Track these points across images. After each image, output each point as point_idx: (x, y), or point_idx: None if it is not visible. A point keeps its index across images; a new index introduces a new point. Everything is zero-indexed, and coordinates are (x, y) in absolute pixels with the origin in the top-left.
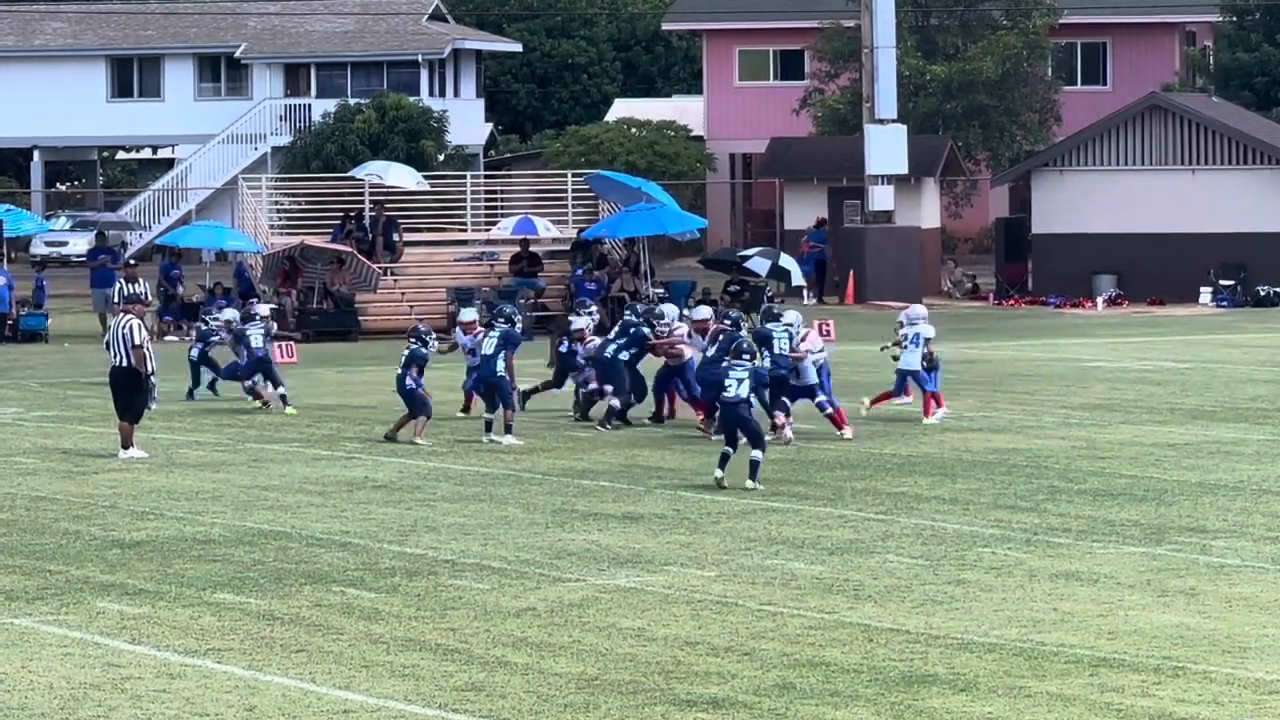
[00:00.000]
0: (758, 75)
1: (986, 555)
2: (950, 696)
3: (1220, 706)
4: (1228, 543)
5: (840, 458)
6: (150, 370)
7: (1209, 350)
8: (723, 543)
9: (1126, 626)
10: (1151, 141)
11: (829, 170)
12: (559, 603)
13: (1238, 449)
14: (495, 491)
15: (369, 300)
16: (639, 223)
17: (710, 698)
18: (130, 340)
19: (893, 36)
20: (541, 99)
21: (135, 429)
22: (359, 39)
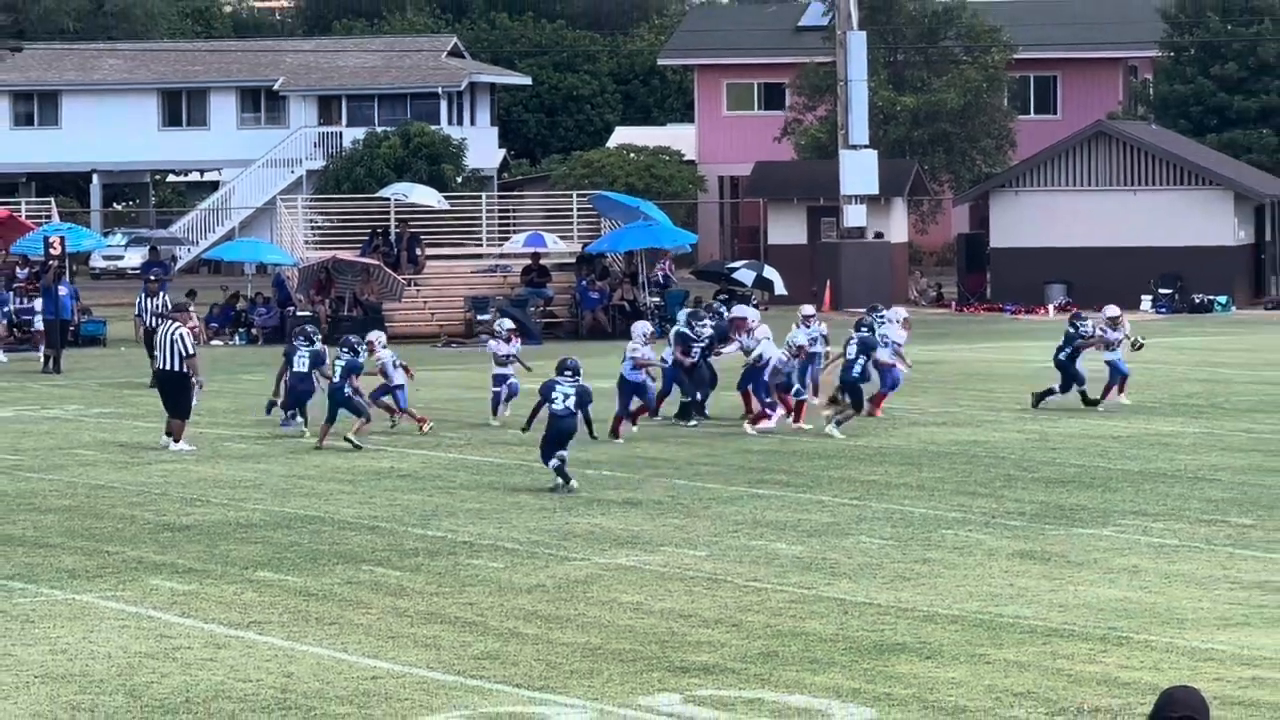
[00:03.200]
0: (744, 106)
1: (950, 536)
2: (917, 663)
3: (1160, 672)
4: (1167, 525)
5: (818, 449)
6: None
7: (1149, 352)
8: (713, 526)
9: (1076, 600)
10: (1098, 165)
11: (808, 191)
12: (566, 580)
13: (1176, 440)
14: (508, 480)
15: (394, 308)
16: (637, 238)
17: (702, 665)
18: (180, 348)
19: (864, 71)
20: (549, 127)
21: (185, 425)
22: (385, 73)
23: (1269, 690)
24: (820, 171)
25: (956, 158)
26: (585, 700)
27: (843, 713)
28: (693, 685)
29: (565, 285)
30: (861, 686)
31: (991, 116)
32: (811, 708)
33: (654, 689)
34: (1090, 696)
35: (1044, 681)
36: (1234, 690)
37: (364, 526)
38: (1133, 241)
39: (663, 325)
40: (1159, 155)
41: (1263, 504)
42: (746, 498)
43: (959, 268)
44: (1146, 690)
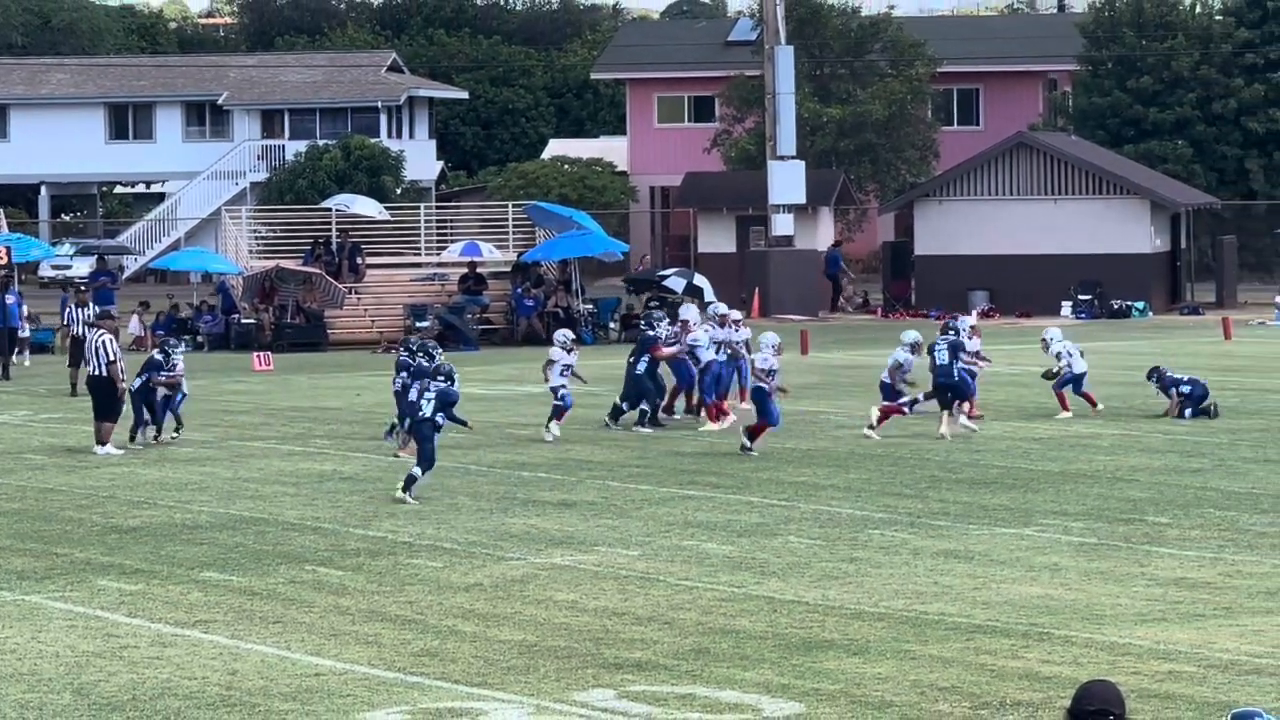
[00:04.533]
0: (674, 118)
1: (876, 536)
2: (845, 659)
3: (1080, 666)
4: (1086, 524)
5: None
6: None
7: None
8: (645, 526)
9: (998, 598)
10: (1019, 175)
11: (737, 201)
12: (502, 579)
13: (1095, 442)
14: (446, 482)
15: (336, 315)
16: (571, 247)
17: (635, 661)
18: (104, 354)
19: (792, 84)
20: (486, 140)
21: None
22: (326, 88)
23: (1185, 684)
24: (749, 182)
25: (882, 168)
26: (522, 696)
27: (772, 707)
28: (626, 681)
29: (501, 293)
30: (790, 682)
31: (915, 128)
32: (742, 703)
33: (588, 685)
34: (1012, 691)
35: (968, 676)
36: (1151, 684)
37: (307, 528)
38: (1053, 249)
39: (595, 331)
40: (1078, 165)
41: (1179, 503)
42: (678, 499)
43: (884, 275)
44: (1067, 684)
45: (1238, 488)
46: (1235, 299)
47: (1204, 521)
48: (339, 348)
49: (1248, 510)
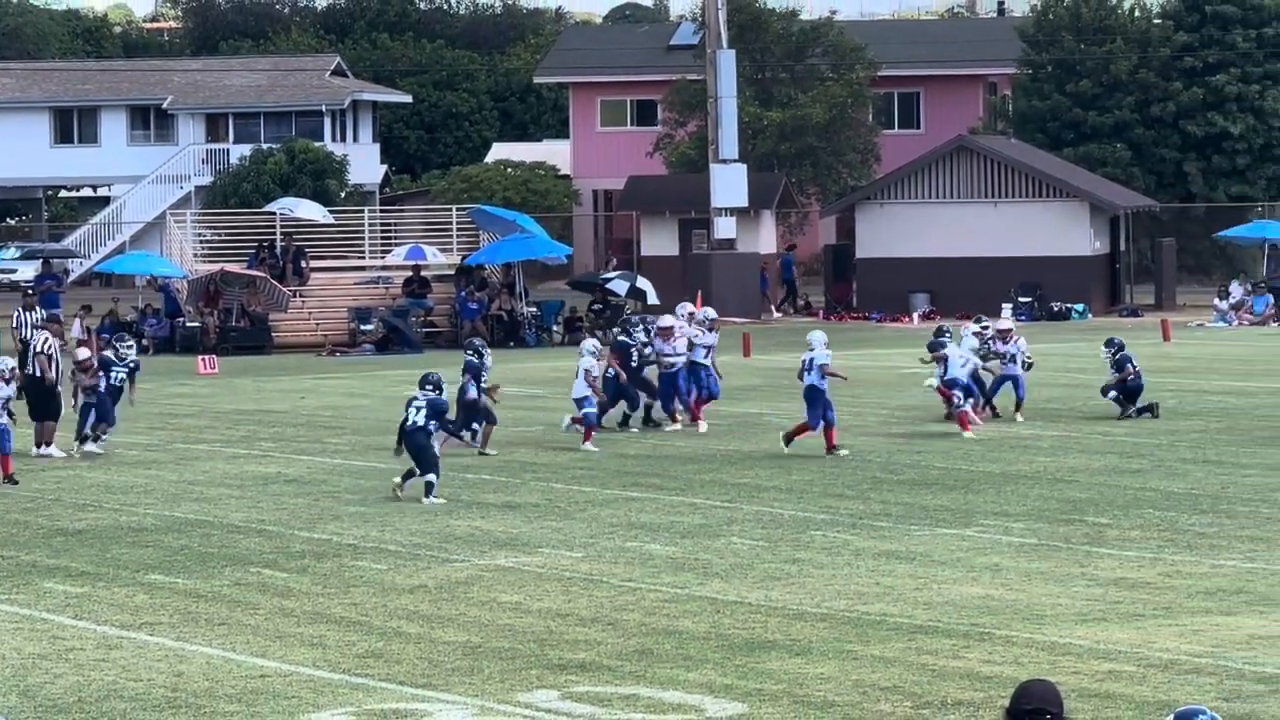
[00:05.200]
0: (617, 122)
1: (818, 537)
2: (788, 659)
3: (1021, 666)
4: (1027, 525)
5: (690, 453)
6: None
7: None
8: (589, 528)
9: (940, 598)
10: (959, 178)
11: (680, 204)
12: (447, 580)
13: (1035, 444)
14: (391, 484)
15: (280, 319)
16: (515, 250)
17: (579, 662)
18: (44, 357)
19: (734, 88)
20: (429, 143)
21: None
22: (270, 92)
23: (1124, 683)
24: (691, 185)
25: (823, 171)
26: (466, 697)
27: (715, 708)
28: (570, 682)
29: (445, 296)
30: (733, 682)
31: (856, 131)
32: (685, 703)
33: (532, 686)
34: (953, 690)
35: (909, 676)
36: (1091, 683)
37: (252, 530)
38: (993, 251)
39: (539, 334)
40: (1018, 168)
41: (1118, 504)
42: (621, 500)
43: (826, 277)
44: (1007, 684)
45: (1177, 488)
46: (1174, 301)
47: (1143, 522)
48: (284, 351)
49: (1187, 511)
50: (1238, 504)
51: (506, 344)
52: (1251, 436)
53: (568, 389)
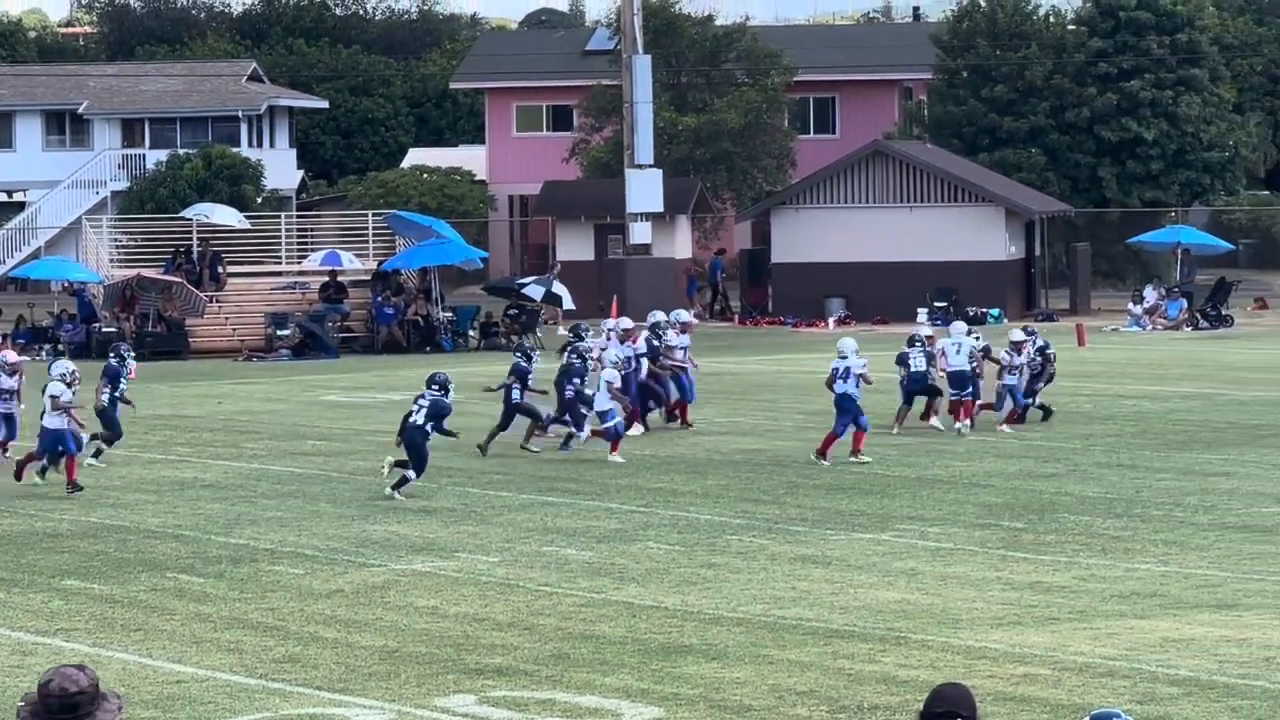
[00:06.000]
0: (533, 127)
1: (734, 542)
2: (704, 664)
3: (936, 670)
4: (943, 529)
5: (605, 458)
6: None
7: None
8: (505, 532)
9: (856, 602)
10: (875, 182)
11: (595, 209)
12: (364, 585)
13: (950, 448)
14: (308, 489)
15: (197, 324)
16: (431, 255)
17: (496, 667)
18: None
19: (649, 93)
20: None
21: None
22: (187, 97)
23: (1040, 686)
24: (607, 190)
25: (738, 176)
26: (383, 702)
27: (631, 712)
28: (487, 686)
29: (361, 301)
30: (650, 687)
31: (772, 136)
32: (602, 708)
33: (449, 690)
34: (870, 695)
35: (825, 681)
36: (1006, 687)
37: (168, 535)
38: (909, 256)
39: (454, 339)
40: (934, 173)
41: (1034, 508)
42: (537, 505)
43: (741, 282)
44: (923, 688)
45: (1091, 493)
46: (1089, 305)
47: (1058, 526)
48: (200, 356)
49: (1101, 515)
50: (1152, 508)
51: (422, 349)
52: (1165, 440)
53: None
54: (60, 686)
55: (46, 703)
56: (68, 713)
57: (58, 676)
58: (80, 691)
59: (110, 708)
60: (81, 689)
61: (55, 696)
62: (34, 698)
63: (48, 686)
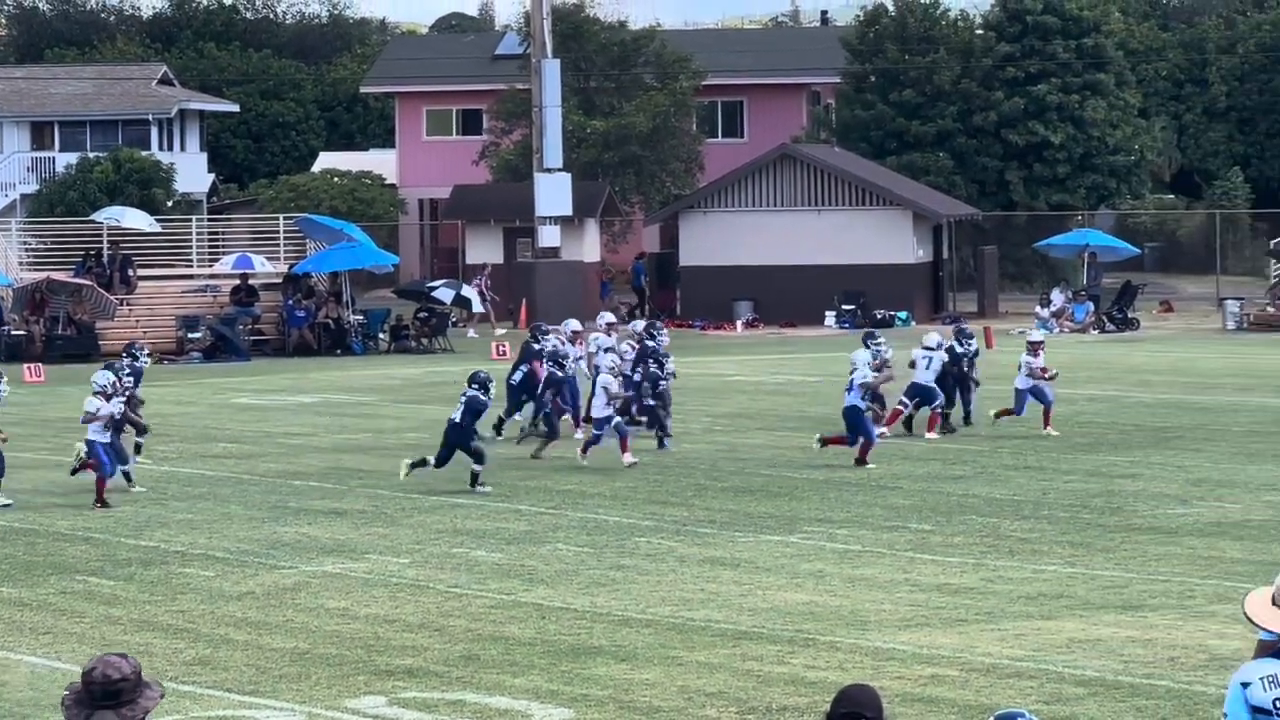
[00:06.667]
0: (443, 131)
1: (643, 544)
2: (613, 665)
3: (845, 671)
4: (851, 531)
5: (515, 460)
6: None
7: (834, 366)
8: (415, 534)
9: (764, 604)
10: (783, 186)
11: (504, 213)
12: (274, 587)
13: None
14: (218, 491)
15: (107, 326)
16: (341, 259)
17: (406, 668)
18: None
19: (558, 97)
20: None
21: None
22: (97, 100)
23: (947, 687)
24: (516, 194)
25: (646, 179)
26: (294, 703)
27: (541, 713)
28: (397, 688)
29: (273, 304)
30: (559, 688)
31: (680, 140)
32: (512, 709)
33: (360, 692)
34: (778, 696)
35: (734, 682)
36: (915, 688)
37: (78, 538)
38: (817, 259)
39: (365, 342)
40: (841, 177)
41: (941, 510)
42: (447, 507)
43: (650, 285)
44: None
45: (999, 494)
46: (996, 308)
47: (966, 528)
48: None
49: (1009, 517)
50: (1058, 510)
51: (333, 352)
52: (1072, 443)
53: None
54: (104, 674)
55: (90, 690)
56: (110, 699)
57: (101, 664)
58: (123, 679)
59: (152, 695)
60: (124, 676)
61: (99, 684)
62: (78, 686)
63: (91, 674)
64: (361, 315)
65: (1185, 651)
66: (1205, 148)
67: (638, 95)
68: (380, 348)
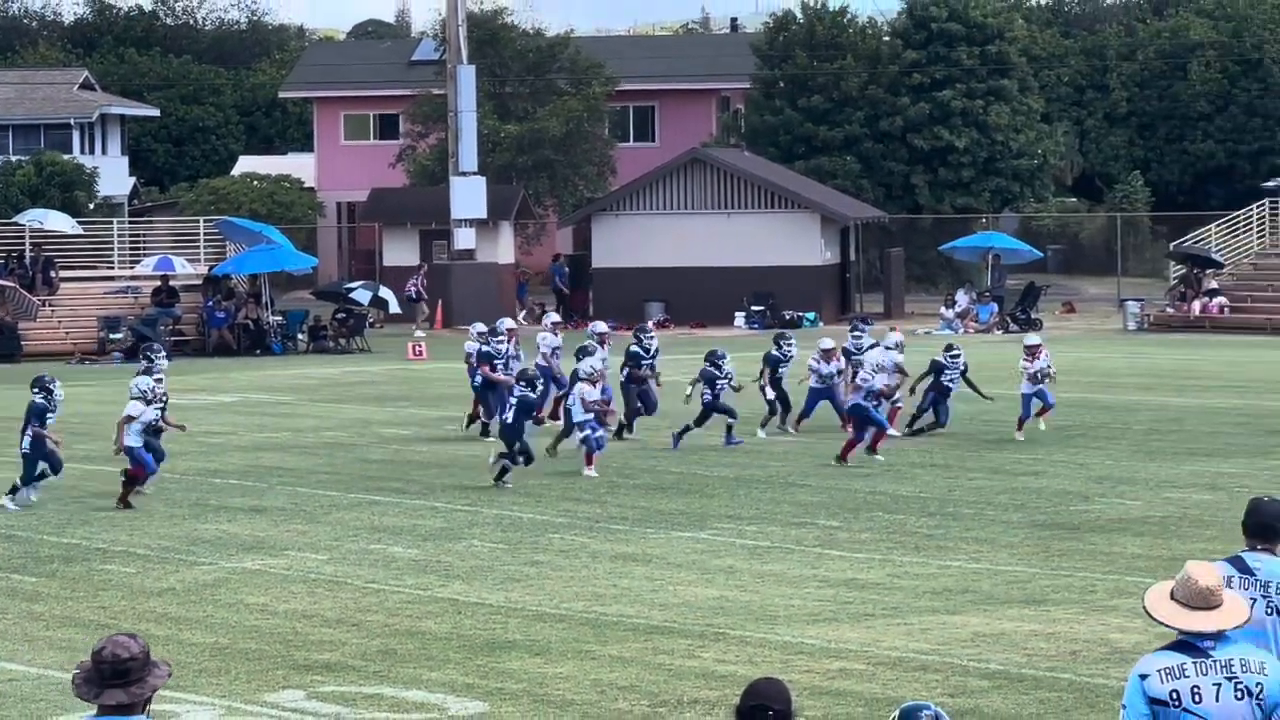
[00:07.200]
0: (360, 135)
1: (556, 540)
2: (528, 659)
3: (754, 665)
4: (760, 527)
5: (431, 458)
6: None
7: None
8: (333, 531)
9: (675, 599)
10: (693, 189)
11: (421, 216)
12: (195, 583)
13: (768, 449)
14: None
15: (29, 327)
16: (261, 261)
17: (324, 663)
18: None
19: (473, 102)
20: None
21: None
22: (19, 104)
23: (855, 680)
24: (432, 197)
25: (560, 183)
26: (213, 698)
27: (457, 706)
28: (316, 682)
29: (193, 305)
30: (475, 682)
31: (593, 144)
32: (428, 702)
33: (279, 686)
34: (689, 689)
35: (646, 675)
36: (823, 681)
37: (0, 535)
38: (727, 261)
39: (284, 342)
40: (751, 180)
41: (848, 507)
42: (365, 504)
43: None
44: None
45: (905, 491)
46: (902, 309)
47: (873, 525)
48: (33, 359)
49: (915, 513)
50: (963, 506)
51: (253, 352)
52: (976, 440)
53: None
54: (113, 653)
55: (100, 669)
56: (119, 678)
57: (110, 644)
58: (132, 658)
59: (160, 674)
60: (133, 655)
61: (108, 663)
62: (88, 665)
63: (101, 653)
64: (280, 316)
65: (1087, 645)
66: (1106, 152)
67: (551, 100)
68: (299, 348)
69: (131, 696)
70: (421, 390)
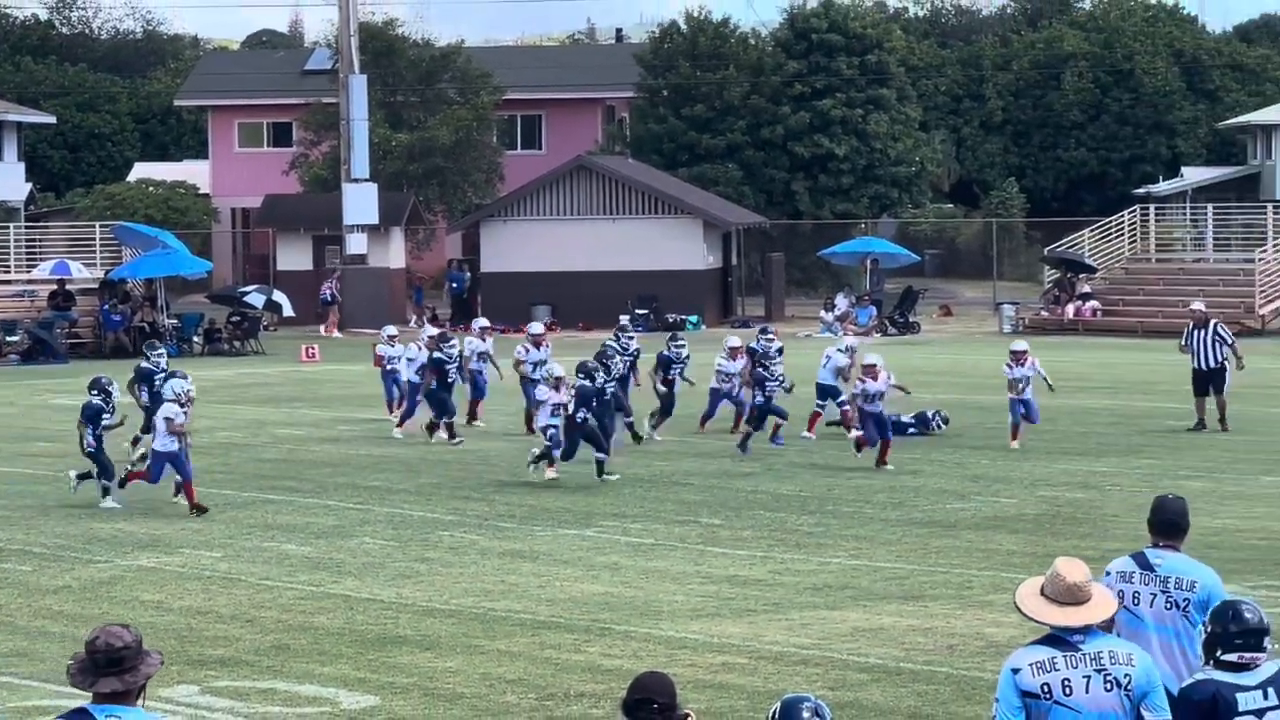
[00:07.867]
0: (254, 143)
1: (446, 537)
2: (418, 654)
3: (639, 660)
4: (644, 525)
5: (323, 457)
6: None
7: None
8: (228, 529)
9: (562, 595)
10: (579, 196)
11: (314, 222)
12: (90, 581)
13: (651, 448)
14: (36, 489)
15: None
16: (156, 265)
17: (219, 658)
18: None
19: (365, 111)
20: (73, 162)
21: None
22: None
23: (737, 674)
24: (325, 203)
25: (450, 190)
26: None
27: (349, 700)
28: (210, 677)
29: (89, 309)
30: (366, 676)
31: (481, 152)
32: (320, 696)
33: (173, 681)
34: (576, 683)
35: (533, 669)
36: (706, 675)
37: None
38: (612, 266)
39: (179, 345)
40: (635, 187)
41: (730, 505)
42: (259, 502)
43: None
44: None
45: (786, 490)
46: (783, 312)
47: (755, 523)
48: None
49: (795, 512)
50: (843, 505)
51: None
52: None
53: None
54: (106, 642)
55: (94, 658)
56: (113, 666)
57: (103, 634)
58: (125, 646)
59: (153, 662)
60: (126, 644)
61: (102, 652)
62: (82, 655)
63: (94, 643)
64: (176, 319)
65: (963, 639)
66: (982, 159)
67: (442, 109)
68: (194, 350)
69: (126, 684)
70: (314, 391)
